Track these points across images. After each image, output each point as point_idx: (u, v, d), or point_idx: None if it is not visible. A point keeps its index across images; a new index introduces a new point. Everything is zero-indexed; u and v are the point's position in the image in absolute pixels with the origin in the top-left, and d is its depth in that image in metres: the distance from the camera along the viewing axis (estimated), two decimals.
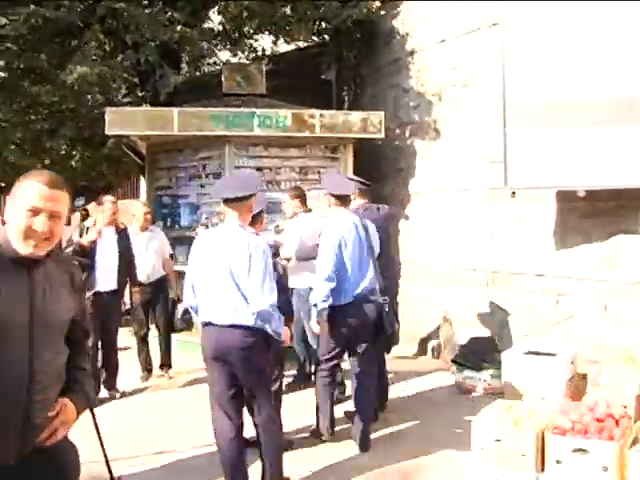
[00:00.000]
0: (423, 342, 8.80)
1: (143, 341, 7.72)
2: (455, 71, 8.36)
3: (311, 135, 8.63)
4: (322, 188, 6.30)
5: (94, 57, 8.34)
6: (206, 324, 4.30)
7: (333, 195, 5.54)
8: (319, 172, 8.89)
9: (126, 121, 8.39)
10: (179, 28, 8.17)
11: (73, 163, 10.95)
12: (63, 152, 10.50)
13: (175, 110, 8.39)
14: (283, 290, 5.18)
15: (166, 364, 7.83)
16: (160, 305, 7.71)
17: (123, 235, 7.12)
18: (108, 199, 7.03)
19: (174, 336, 8.23)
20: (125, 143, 9.67)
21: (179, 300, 7.86)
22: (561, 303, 6.99)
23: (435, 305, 8.64)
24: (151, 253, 7.62)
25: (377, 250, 5.70)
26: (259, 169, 8.76)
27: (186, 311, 8.10)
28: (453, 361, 7.31)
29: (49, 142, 9.90)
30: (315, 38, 11.57)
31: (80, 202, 21.26)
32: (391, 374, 6.90)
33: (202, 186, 9.06)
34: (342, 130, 8.65)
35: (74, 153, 10.90)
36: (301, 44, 12.79)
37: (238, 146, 8.73)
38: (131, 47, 8.64)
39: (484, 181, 7.85)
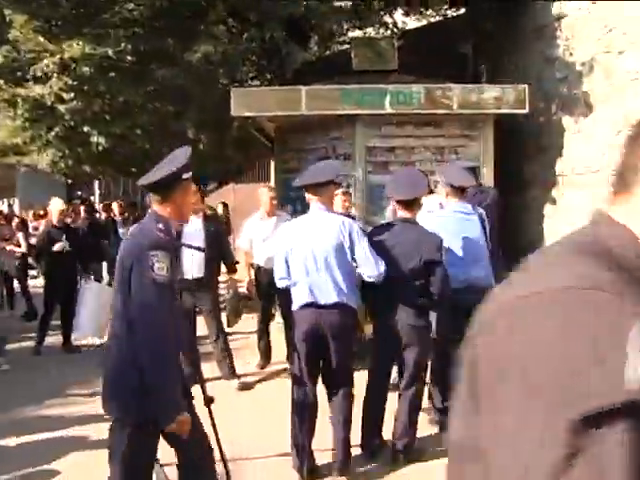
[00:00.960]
0: None
1: (263, 329, 7.63)
2: (609, 36, 7.51)
3: (447, 112, 8.00)
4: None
5: (218, 37, 8.05)
6: (305, 305, 4.53)
7: (451, 186, 5.42)
8: (456, 152, 8.24)
9: (252, 102, 8.11)
10: (304, 2, 7.72)
11: (201, 146, 10.84)
12: (190, 136, 10.40)
13: (303, 89, 8.02)
14: None
15: None
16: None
17: (211, 221, 7.17)
18: None
19: None
20: (252, 125, 9.41)
21: None
22: None
23: None
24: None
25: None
26: (391, 149, 8.26)
27: None
28: None
29: (175, 125, 9.78)
30: (448, 11, 10.92)
31: (212, 186, 21.54)
32: None
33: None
34: (481, 106, 7.97)
35: (201, 137, 10.74)
36: (433, 19, 12.23)
37: (369, 125, 8.23)
38: (255, 25, 8.31)
39: None
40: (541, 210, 8.53)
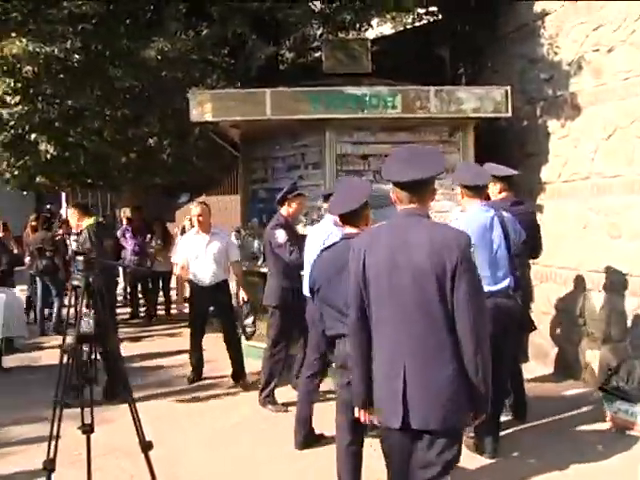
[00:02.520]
0: (559, 360, 7.47)
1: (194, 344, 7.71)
2: (597, 32, 6.98)
3: (424, 116, 7.44)
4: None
5: (176, 33, 7.40)
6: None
7: (465, 186, 5.11)
8: None
9: (212, 105, 7.46)
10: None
11: (165, 157, 10.21)
12: (152, 144, 9.75)
13: (267, 91, 7.43)
14: None
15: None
16: (222, 311, 7.63)
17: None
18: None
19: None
20: (215, 131, 8.75)
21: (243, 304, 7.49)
22: None
23: (574, 316, 7.26)
24: (209, 256, 7.44)
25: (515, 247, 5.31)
26: (364, 157, 7.68)
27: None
28: (601, 389, 5.96)
29: (132, 131, 9.10)
30: (422, 11, 10.39)
31: (184, 199, 20.86)
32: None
33: (302, 177, 8.01)
34: (460, 110, 7.41)
35: (164, 144, 10.06)
36: (409, 25, 11.79)
37: (340, 131, 7.64)
38: (218, 21, 7.68)
39: (637, 166, 6.41)
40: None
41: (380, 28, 12.95)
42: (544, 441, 5.47)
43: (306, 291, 5.13)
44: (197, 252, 7.46)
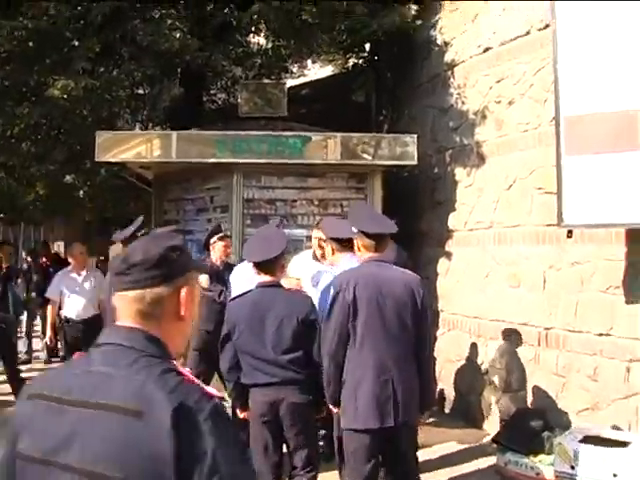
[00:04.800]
0: (460, 407, 7.46)
1: None
2: (500, 85, 7.19)
3: (330, 162, 7.45)
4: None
5: (82, 71, 7.33)
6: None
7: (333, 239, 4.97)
8: (342, 205, 7.67)
9: (118, 145, 7.40)
10: (178, 36, 7.10)
11: (81, 193, 10.05)
12: (68, 180, 9.60)
13: (173, 133, 7.45)
14: None
15: None
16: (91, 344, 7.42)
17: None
18: None
19: None
20: (125, 171, 8.67)
21: None
22: (634, 371, 5.57)
23: (476, 365, 7.29)
24: (83, 293, 7.86)
25: None
26: (271, 201, 7.67)
27: None
28: (494, 440, 5.95)
29: (38, 168, 8.95)
30: (351, 57, 10.53)
31: (119, 236, 20.57)
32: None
33: (210, 221, 7.96)
34: (367, 157, 7.46)
35: (76, 183, 9.92)
36: (333, 69, 11.91)
37: (247, 175, 7.65)
38: (127, 60, 7.65)
39: (536, 217, 6.58)
40: (435, 268, 8.00)
41: (322, 70, 13.04)
42: None
43: None
44: (74, 289, 7.86)
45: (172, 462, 1.49)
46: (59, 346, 10.45)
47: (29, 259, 12.16)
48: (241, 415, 4.44)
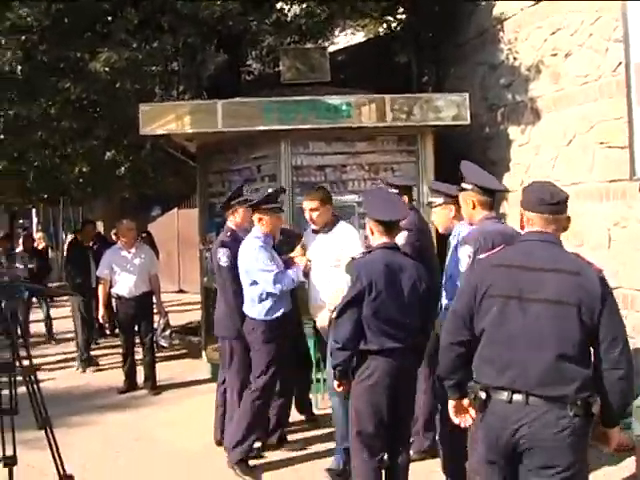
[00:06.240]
0: None
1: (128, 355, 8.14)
2: (555, 37, 6.90)
3: (381, 125, 7.26)
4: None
5: (124, 44, 7.21)
6: None
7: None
8: (392, 169, 7.49)
9: (162, 117, 7.32)
10: (218, 2, 6.92)
11: (122, 170, 9.98)
12: (108, 157, 9.55)
13: (219, 102, 7.27)
14: None
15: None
16: (144, 321, 8.07)
17: None
18: None
19: None
20: (168, 144, 8.57)
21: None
22: None
23: None
24: (134, 270, 7.95)
25: None
26: (321, 168, 7.53)
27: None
28: None
29: (81, 144, 8.87)
30: (390, 18, 10.28)
31: (157, 212, 20.63)
32: None
33: (257, 190, 7.79)
34: (418, 118, 7.25)
35: (118, 159, 9.84)
36: (368, 34, 11.72)
37: (295, 142, 7.49)
38: (168, 31, 7.50)
39: (598, 173, 6.32)
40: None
41: (355, 37, 12.87)
42: None
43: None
44: (124, 266, 7.97)
45: (599, 299, 2.85)
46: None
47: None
48: (339, 389, 4.27)
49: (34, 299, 10.67)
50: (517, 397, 2.88)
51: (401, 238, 5.19)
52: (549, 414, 2.83)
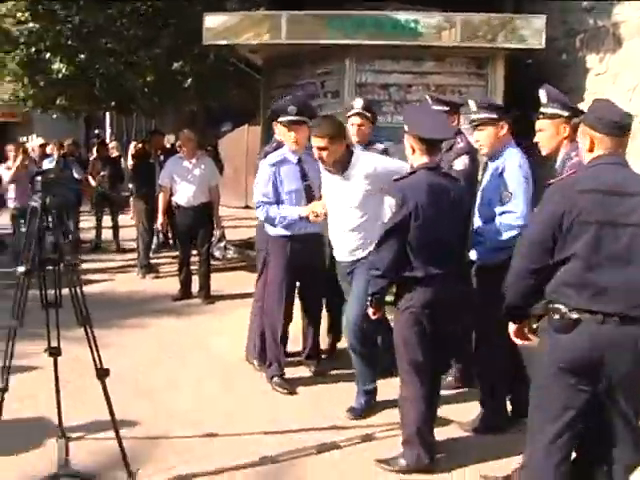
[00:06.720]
0: None
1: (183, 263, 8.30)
2: None
3: (450, 44, 6.96)
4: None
5: None
6: None
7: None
8: (460, 92, 7.20)
9: (226, 28, 7.14)
10: None
11: (189, 82, 9.90)
12: (173, 67, 9.47)
13: (283, 14, 7.06)
14: None
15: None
16: (201, 231, 8.12)
17: None
18: None
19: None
20: (234, 55, 8.42)
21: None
22: None
23: None
24: (194, 180, 7.96)
25: None
26: (385, 86, 7.29)
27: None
28: None
29: (146, 52, 8.80)
30: None
31: (227, 127, 20.61)
32: None
33: (320, 107, 7.63)
34: (490, 39, 6.90)
35: (183, 70, 9.73)
36: None
37: (360, 58, 7.26)
38: None
39: None
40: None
41: None
42: None
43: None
44: (184, 175, 7.97)
45: None
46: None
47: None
48: (375, 317, 4.14)
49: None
50: (610, 320, 2.84)
51: (460, 163, 5.01)
52: None
